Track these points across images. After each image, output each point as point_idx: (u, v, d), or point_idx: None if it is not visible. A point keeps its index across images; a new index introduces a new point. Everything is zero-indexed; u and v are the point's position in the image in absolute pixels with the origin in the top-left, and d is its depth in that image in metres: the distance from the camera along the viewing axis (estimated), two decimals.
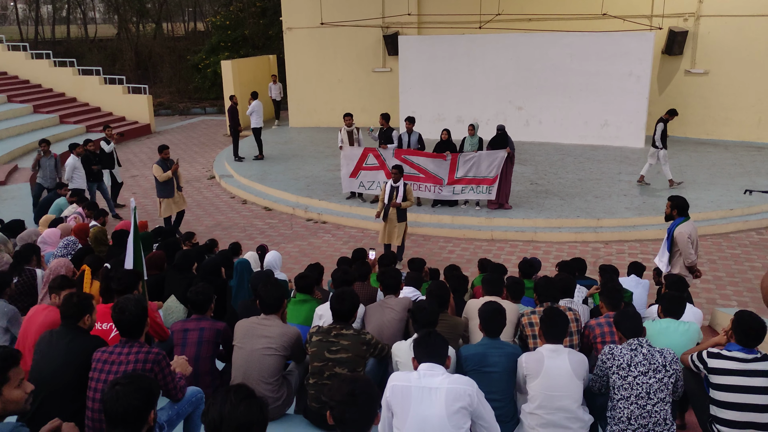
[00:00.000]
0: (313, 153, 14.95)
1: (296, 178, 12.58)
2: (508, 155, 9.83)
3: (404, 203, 8.27)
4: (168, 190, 9.45)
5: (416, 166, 10.16)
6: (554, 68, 14.64)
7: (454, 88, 15.51)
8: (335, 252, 9.24)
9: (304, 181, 12.31)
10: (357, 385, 2.33)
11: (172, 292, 5.28)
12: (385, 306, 4.41)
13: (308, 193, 11.48)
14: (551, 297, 4.41)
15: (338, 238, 9.97)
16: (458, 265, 6.26)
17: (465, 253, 9.19)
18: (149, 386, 2.48)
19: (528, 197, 10.91)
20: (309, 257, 9.01)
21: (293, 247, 9.56)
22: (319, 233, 10.14)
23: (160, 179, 9.31)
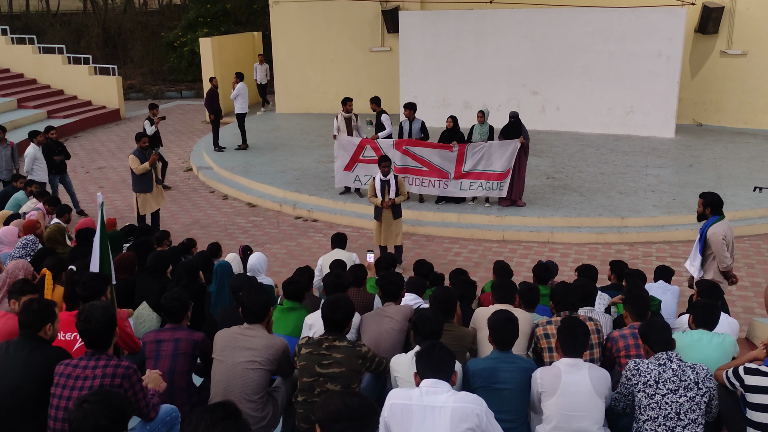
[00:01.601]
0: (303, 142, 14.93)
1: (284, 170, 12.56)
2: (521, 146, 9.83)
3: (398, 198, 8.29)
4: (146, 185, 9.39)
5: (419, 159, 10.16)
6: (574, 48, 14.65)
7: (461, 70, 15.51)
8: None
9: (293, 174, 12.30)
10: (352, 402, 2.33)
11: (144, 299, 5.28)
12: (384, 315, 4.41)
13: (297, 188, 11.47)
14: (569, 305, 4.42)
15: (331, 238, 9.97)
16: (465, 269, 6.25)
17: (473, 255, 9.18)
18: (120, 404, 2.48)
19: (544, 193, 10.88)
20: (298, 260, 9.00)
21: (280, 248, 9.56)
22: (309, 233, 10.13)
23: (137, 172, 9.26)
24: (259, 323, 3.91)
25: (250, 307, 3.89)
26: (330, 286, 4.71)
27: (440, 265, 8.57)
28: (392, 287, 4.56)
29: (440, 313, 3.95)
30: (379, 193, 8.25)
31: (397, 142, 10.24)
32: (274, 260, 9.00)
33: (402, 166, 10.16)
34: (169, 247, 6.99)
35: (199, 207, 11.60)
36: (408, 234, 9.82)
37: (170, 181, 12.95)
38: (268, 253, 9.07)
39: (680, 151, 13.31)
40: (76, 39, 27.68)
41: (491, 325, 3.79)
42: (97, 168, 14.30)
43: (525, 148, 9.92)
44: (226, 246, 9.13)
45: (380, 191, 8.24)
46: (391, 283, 4.57)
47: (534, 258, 8.84)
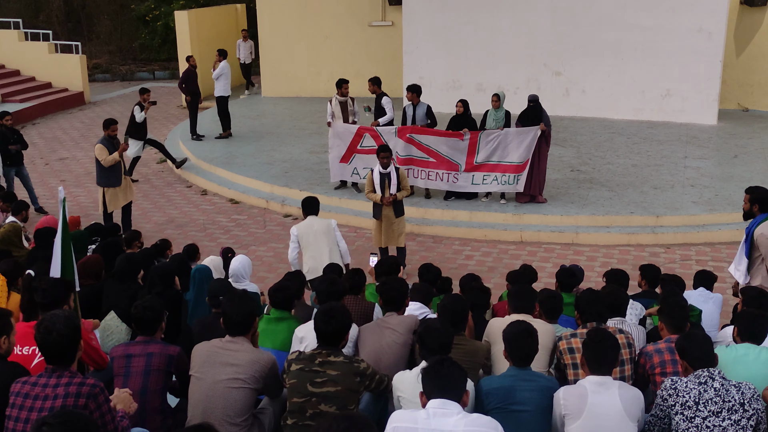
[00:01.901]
0: (293, 130, 14.91)
1: (271, 162, 12.55)
2: (542, 134, 9.84)
3: (399, 194, 8.28)
4: (114, 177, 9.41)
5: (424, 148, 10.15)
6: (602, 22, 14.64)
7: (474, 48, 15.51)
8: None
9: (281, 166, 12.28)
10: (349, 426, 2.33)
11: (112, 308, 5.30)
12: (385, 326, 4.42)
13: (286, 182, 11.45)
14: (597, 315, 4.42)
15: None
16: (477, 275, 6.26)
17: (486, 259, 9.18)
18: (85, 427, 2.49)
19: (568, 188, 10.87)
20: (286, 264, 9.00)
21: (267, 251, 9.56)
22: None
23: (106, 163, 9.26)
24: (242, 336, 3.91)
25: (233, 318, 3.90)
26: (323, 294, 4.72)
27: (449, 270, 8.56)
28: (395, 295, 4.56)
29: (449, 325, 3.96)
30: (379, 187, 8.25)
31: (399, 129, 10.24)
32: (260, 264, 9.00)
33: (405, 156, 10.17)
34: (141, 249, 7.00)
35: (175, 203, 11.60)
36: (412, 234, 9.82)
37: (141, 174, 12.96)
38: (253, 256, 9.08)
39: (724, 140, 13.30)
40: (34, 12, 27.67)
41: (507, 338, 3.80)
42: (59, 159, 14.31)
43: (546, 136, 9.92)
44: (205, 248, 9.14)
45: (380, 186, 8.24)
46: (393, 290, 4.58)
47: (556, 262, 8.82)
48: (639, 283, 6.12)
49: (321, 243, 7.26)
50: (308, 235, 7.26)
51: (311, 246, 7.27)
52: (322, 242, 7.26)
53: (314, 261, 7.24)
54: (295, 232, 7.26)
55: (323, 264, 7.19)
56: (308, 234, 7.28)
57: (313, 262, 7.25)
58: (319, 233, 7.26)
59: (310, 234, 7.26)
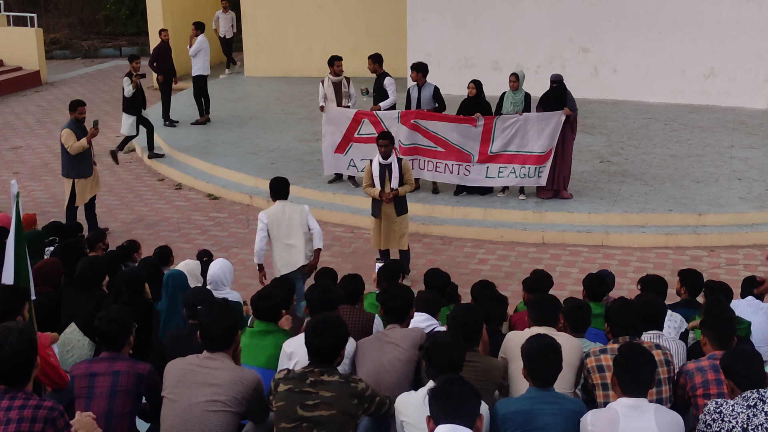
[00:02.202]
0: (281, 115, 14.86)
1: (255, 152, 12.52)
2: (567, 119, 9.82)
3: (402, 189, 8.25)
4: (85, 167, 9.45)
5: (432, 136, 10.13)
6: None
7: (489, 20, 15.46)
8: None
9: (267, 156, 12.27)
10: None
11: (73, 319, 5.28)
12: (387, 340, 4.42)
13: (273, 174, 11.24)
14: (630, 328, 4.41)
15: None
16: (493, 282, 6.25)
17: (503, 263, 9.17)
18: None
19: (596, 182, 10.84)
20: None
21: (250, 254, 9.43)
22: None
23: (72, 150, 9.26)
24: (223, 351, 3.91)
25: (212, 330, 3.89)
26: (315, 303, 4.71)
27: (460, 276, 8.53)
28: (398, 304, 4.55)
29: (461, 339, 3.95)
30: (378, 181, 8.23)
31: (403, 114, 10.20)
32: (243, 269, 8.98)
33: (409, 145, 10.15)
34: (106, 251, 6.97)
35: (144, 199, 11.57)
36: (417, 235, 9.81)
37: (106, 165, 12.92)
38: (235, 259, 9.05)
39: None
40: None
41: (527, 355, 3.79)
42: (11, 148, 14.29)
43: (571, 122, 9.89)
44: (180, 250, 9.12)
45: (379, 179, 8.22)
46: (396, 299, 4.57)
47: (583, 267, 8.80)
48: (678, 291, 6.11)
49: (296, 233, 7.17)
50: (281, 224, 7.13)
51: (284, 236, 7.16)
52: (297, 232, 7.17)
53: (289, 254, 7.19)
54: (265, 219, 7.11)
55: (300, 258, 7.21)
56: (280, 222, 7.15)
57: (287, 255, 7.18)
58: (293, 221, 7.18)
59: (282, 222, 7.14)
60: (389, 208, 8.25)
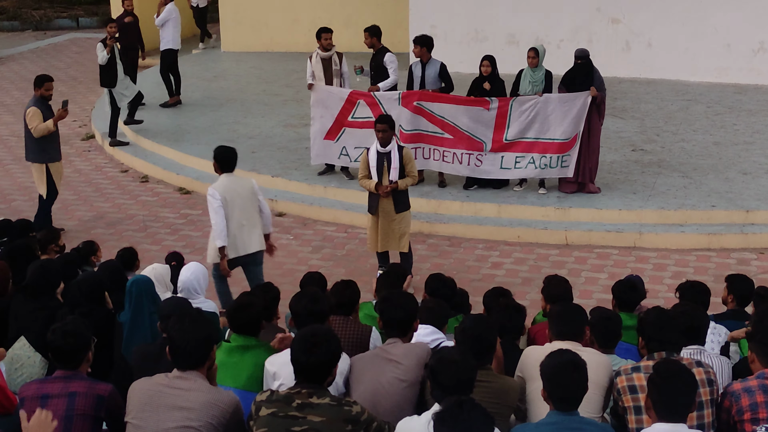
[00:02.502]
0: (263, 96, 14.80)
1: (233, 139, 12.41)
2: (593, 101, 9.79)
3: (403, 181, 8.22)
4: (54, 150, 9.67)
5: (438, 121, 10.08)
6: None
7: None
8: (299, 265, 9.18)
9: (247, 144, 12.24)
10: None
11: (22, 332, 5.24)
12: (386, 357, 4.40)
13: (253, 165, 11.40)
14: (667, 343, 4.40)
15: (305, 241, 9.88)
16: (508, 289, 6.21)
17: (520, 267, 9.16)
18: None
19: (628, 173, 10.79)
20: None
21: None
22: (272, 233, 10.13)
23: (37, 133, 9.38)
24: (196, 369, 3.89)
25: (183, 346, 3.88)
26: (302, 314, 4.68)
27: (470, 282, 8.51)
28: (399, 315, 4.53)
29: (471, 355, 3.93)
30: (375, 172, 8.21)
31: (404, 94, 10.16)
32: None
33: (412, 131, 10.10)
34: (60, 254, 6.94)
35: (106, 194, 11.51)
36: (421, 235, 9.78)
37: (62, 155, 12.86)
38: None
39: None
40: None
41: (548, 373, 3.77)
42: None
43: (599, 104, 9.87)
44: (147, 253, 9.09)
45: (376, 169, 8.20)
46: (397, 308, 4.55)
47: (613, 272, 8.77)
48: (724, 300, 6.11)
49: (249, 211, 7.29)
50: (233, 200, 7.21)
51: (237, 213, 7.25)
52: (250, 210, 7.30)
53: (244, 233, 7.29)
54: (218, 195, 7.15)
55: (254, 241, 7.35)
56: (233, 198, 7.22)
57: (240, 237, 7.29)
58: (245, 197, 7.28)
59: (235, 198, 7.23)
60: (388, 204, 8.23)
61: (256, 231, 7.38)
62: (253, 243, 7.39)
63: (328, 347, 3.81)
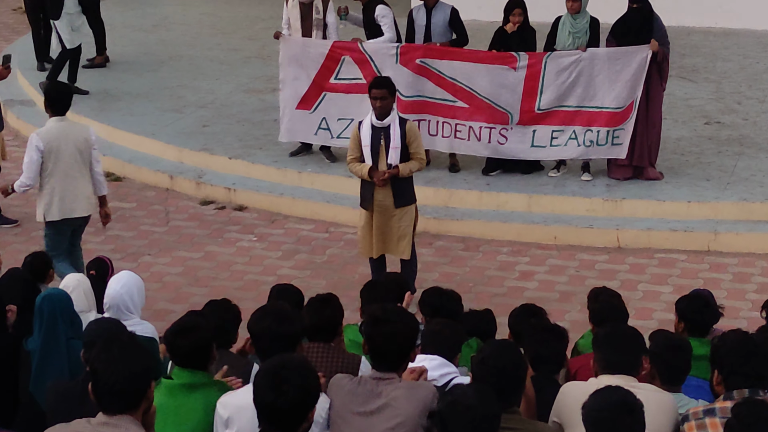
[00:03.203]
0: (217, 52, 14.82)
1: (178, 108, 12.51)
2: (653, 58, 9.79)
3: (405, 166, 8.19)
4: None
5: (448, 84, 10.10)
6: None
7: None
8: (265, 275, 9.22)
9: (197, 115, 12.27)
10: None
11: None
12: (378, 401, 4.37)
13: (205, 143, 11.45)
14: (753, 378, 4.40)
15: (273, 243, 9.94)
16: (542, 307, 6.23)
17: (558, 278, 9.19)
18: None
19: (700, 154, 10.83)
20: (207, 286, 8.99)
21: (172, 264, 9.56)
22: (229, 233, 10.13)
23: None
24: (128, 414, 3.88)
25: (111, 382, 3.83)
26: (265, 338, 4.64)
27: (492, 299, 8.51)
28: (393, 343, 4.46)
29: (493, 396, 3.93)
30: (369, 153, 8.24)
31: (404, 49, 10.16)
32: (161, 287, 9.01)
33: (413, 98, 10.10)
34: None
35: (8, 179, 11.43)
36: (427, 236, 9.75)
37: None
38: (148, 273, 9.04)
39: None
40: None
41: (593, 418, 3.78)
42: None
43: (659, 61, 9.86)
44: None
45: (371, 150, 8.23)
46: (388, 335, 4.45)
47: (679, 284, 8.78)
48: None
49: (80, 164, 7.45)
50: (60, 150, 7.40)
51: (61, 168, 7.42)
52: (80, 163, 7.46)
53: (66, 194, 7.49)
54: (41, 144, 7.34)
55: (82, 202, 7.61)
56: (59, 148, 7.40)
57: (66, 195, 7.50)
58: (76, 149, 7.47)
59: (62, 149, 7.40)
60: (385, 196, 8.22)
61: (88, 192, 7.64)
62: (83, 205, 7.70)
63: (302, 384, 3.71)
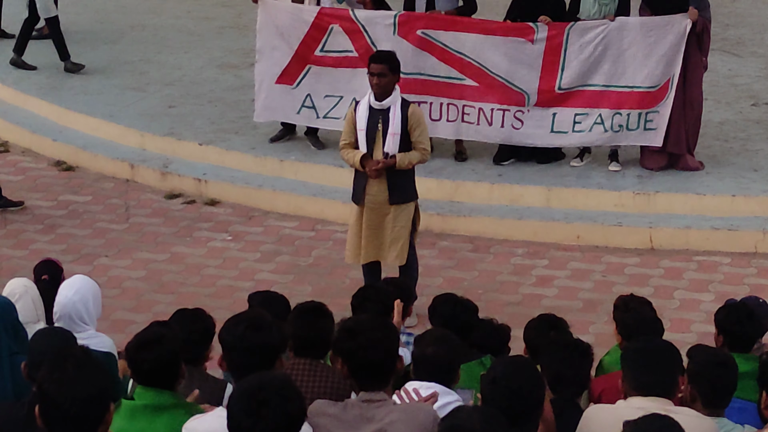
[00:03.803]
0: (186, 21, 14.95)
1: (140, 86, 12.61)
2: (692, 29, 9.78)
3: (404, 156, 8.18)
4: None
5: (455, 58, 10.16)
6: None
7: None
8: (241, 279, 9.30)
9: (162, 94, 12.39)
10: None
11: None
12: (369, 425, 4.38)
13: (171, 126, 11.56)
14: None
15: (251, 243, 10.00)
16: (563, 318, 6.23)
17: (581, 284, 9.25)
18: None
19: (746, 140, 10.93)
20: (173, 293, 9.06)
21: (133, 267, 9.62)
22: (200, 231, 10.21)
23: None
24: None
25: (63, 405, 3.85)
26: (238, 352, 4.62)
27: (504, 308, 8.58)
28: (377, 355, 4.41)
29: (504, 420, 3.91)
30: (365, 138, 8.24)
31: (403, 18, 10.19)
32: (120, 293, 9.07)
33: (413, 75, 10.12)
34: None
35: None
36: (430, 236, 9.79)
37: None
38: (104, 277, 9.08)
39: None
40: None
41: None
42: None
43: (699, 33, 9.88)
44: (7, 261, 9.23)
45: (366, 135, 8.22)
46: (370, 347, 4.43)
47: (722, 291, 8.82)
48: None
49: None
50: None
51: None
52: None
53: None
54: None
55: None
56: None
57: None
58: None
59: None
60: (378, 190, 8.20)
61: None
62: None
63: (284, 408, 3.72)
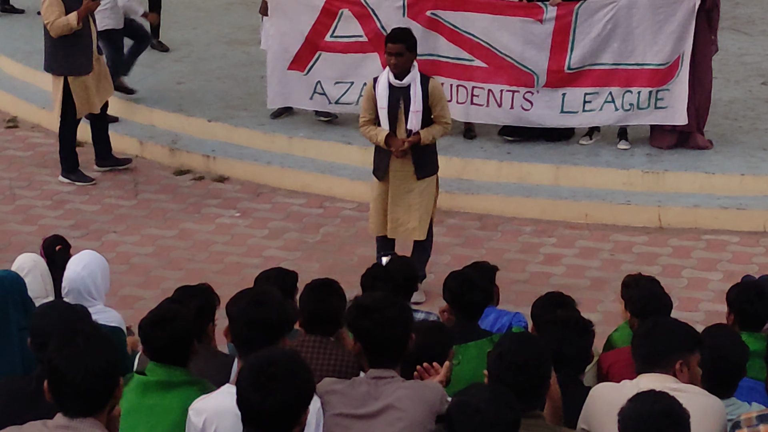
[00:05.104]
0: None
1: (150, 63, 12.55)
2: (701, 5, 9.74)
3: (428, 132, 8.23)
4: (80, 57, 10.11)
5: (465, 40, 10.16)
6: None
7: None
8: (249, 256, 9.31)
9: (171, 70, 12.39)
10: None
11: None
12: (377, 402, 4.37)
13: (180, 103, 11.54)
14: None
15: (259, 220, 10.01)
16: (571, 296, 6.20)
17: (589, 262, 9.25)
18: None
19: (756, 119, 10.90)
20: (181, 269, 9.09)
21: (142, 243, 9.63)
22: (208, 207, 10.22)
23: (55, 30, 9.96)
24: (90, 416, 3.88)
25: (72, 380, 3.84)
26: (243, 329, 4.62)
27: (512, 285, 8.57)
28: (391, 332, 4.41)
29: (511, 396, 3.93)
30: (386, 117, 8.25)
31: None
32: (128, 269, 9.09)
33: (423, 56, 9.91)
34: None
35: None
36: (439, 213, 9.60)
37: None
38: (113, 252, 9.09)
39: None
40: None
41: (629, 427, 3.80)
42: None
43: (708, 9, 9.85)
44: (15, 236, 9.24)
45: (388, 113, 8.24)
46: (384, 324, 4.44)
47: (731, 270, 8.82)
48: None
49: None
50: None
51: None
52: None
53: None
54: None
55: None
56: None
57: None
58: None
59: None
60: (405, 166, 8.23)
61: None
62: None
63: (293, 383, 3.68)
